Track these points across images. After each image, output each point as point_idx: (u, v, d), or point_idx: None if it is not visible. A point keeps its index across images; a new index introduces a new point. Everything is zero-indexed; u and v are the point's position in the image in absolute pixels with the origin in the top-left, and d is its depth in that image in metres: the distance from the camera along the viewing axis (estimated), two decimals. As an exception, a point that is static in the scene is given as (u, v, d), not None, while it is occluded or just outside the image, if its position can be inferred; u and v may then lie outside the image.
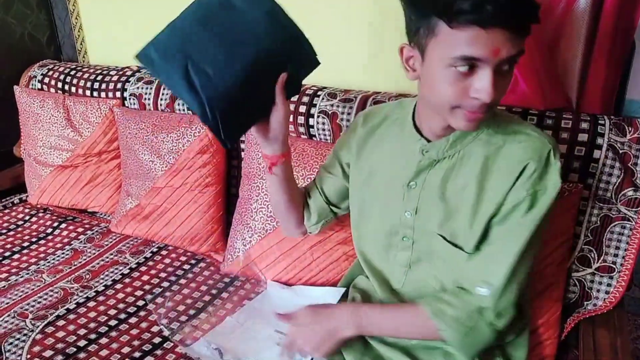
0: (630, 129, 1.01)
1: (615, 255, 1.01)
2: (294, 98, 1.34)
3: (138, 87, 1.60)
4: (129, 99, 1.62)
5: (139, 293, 1.29)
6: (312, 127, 1.31)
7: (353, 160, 1.00)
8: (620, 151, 1.00)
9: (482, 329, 0.82)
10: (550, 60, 1.10)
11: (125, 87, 1.63)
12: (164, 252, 1.46)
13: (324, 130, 1.30)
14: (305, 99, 1.32)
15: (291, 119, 1.33)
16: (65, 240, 1.55)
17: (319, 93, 1.32)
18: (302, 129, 1.33)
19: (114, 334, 1.15)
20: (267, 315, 1.20)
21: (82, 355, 1.09)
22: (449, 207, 0.86)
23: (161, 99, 1.55)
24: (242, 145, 1.44)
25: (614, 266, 1.01)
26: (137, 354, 1.09)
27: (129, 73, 1.66)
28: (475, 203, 0.83)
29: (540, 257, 0.97)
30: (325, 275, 1.25)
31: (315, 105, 1.30)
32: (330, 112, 1.28)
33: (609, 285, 1.01)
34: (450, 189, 0.86)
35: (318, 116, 1.29)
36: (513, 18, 0.67)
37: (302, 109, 1.31)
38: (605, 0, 1.02)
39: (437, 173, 0.87)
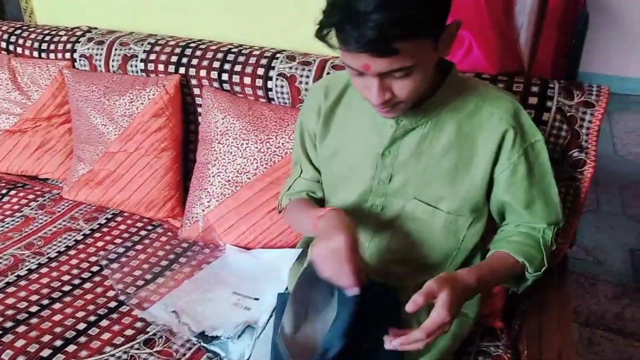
0: (578, 92, 1.05)
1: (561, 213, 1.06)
2: (252, 60, 1.32)
3: (89, 48, 1.53)
4: (79, 60, 1.55)
5: (93, 259, 1.27)
6: (271, 90, 1.29)
7: (319, 136, 0.99)
8: (568, 114, 1.04)
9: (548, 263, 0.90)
10: (504, 27, 1.12)
11: (75, 47, 1.56)
12: (119, 219, 1.43)
13: (282, 93, 1.28)
14: (264, 62, 1.30)
15: (249, 82, 1.31)
16: (16, 207, 1.49)
17: (278, 55, 1.30)
18: (260, 92, 1.31)
19: (67, 299, 1.13)
20: (226, 278, 1.21)
21: (34, 320, 1.07)
22: (426, 172, 0.89)
23: (113, 60, 1.49)
24: (199, 109, 1.41)
25: (558, 223, 1.06)
26: (92, 318, 1.08)
27: (79, 33, 1.59)
28: (455, 167, 0.87)
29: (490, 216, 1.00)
30: (284, 239, 1.26)
31: (273, 68, 1.28)
32: (289, 75, 1.27)
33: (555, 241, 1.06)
34: (425, 155, 0.88)
35: (277, 79, 1.28)
36: (370, 46, 0.68)
37: (260, 71, 1.29)
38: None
39: (410, 141, 0.88)
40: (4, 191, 1.56)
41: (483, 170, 0.87)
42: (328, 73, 1.22)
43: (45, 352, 0.99)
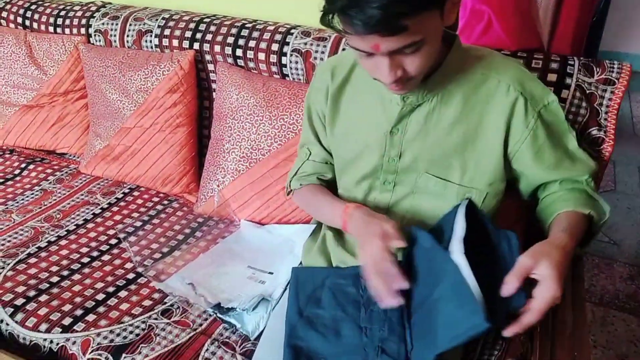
0: (598, 69, 1.03)
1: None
2: (267, 36, 1.31)
3: (103, 23, 1.53)
4: (95, 35, 1.55)
5: (111, 232, 1.29)
6: (285, 66, 1.29)
7: (329, 118, 0.99)
8: (587, 91, 1.02)
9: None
10: (524, 3, 1.10)
11: (90, 22, 1.56)
12: (135, 193, 1.45)
13: (297, 69, 1.28)
14: (278, 37, 1.29)
15: (263, 58, 1.31)
16: (34, 181, 1.52)
17: (292, 31, 1.29)
18: (274, 68, 1.31)
19: (86, 270, 1.16)
20: (241, 253, 1.23)
21: (55, 290, 1.10)
22: (436, 146, 0.89)
23: (127, 35, 1.49)
24: (214, 85, 1.42)
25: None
26: (110, 289, 1.11)
27: (93, 8, 1.59)
28: (464, 139, 0.87)
29: (506, 194, 1.00)
30: (298, 215, 1.27)
31: (288, 44, 1.27)
32: (303, 51, 1.26)
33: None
34: (434, 130, 0.88)
35: (291, 55, 1.27)
36: (379, 26, 0.67)
37: (275, 47, 1.29)
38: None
39: (418, 116, 0.88)
40: (22, 165, 1.59)
41: (494, 141, 0.87)
42: (344, 49, 1.21)
43: (67, 321, 1.02)
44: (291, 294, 0.98)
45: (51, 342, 0.99)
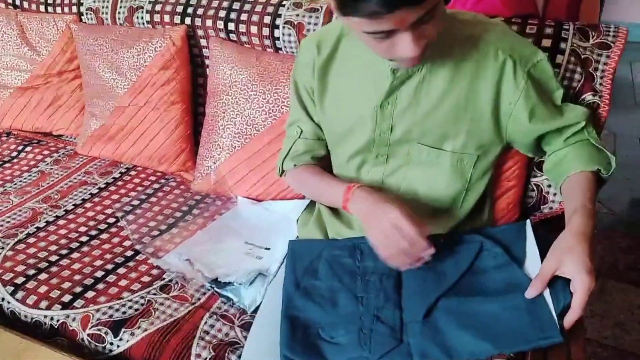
0: (594, 34, 1.01)
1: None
2: (258, 8, 1.29)
3: (95, 1, 1.51)
4: (86, 13, 1.53)
5: (109, 211, 1.30)
6: (278, 39, 1.27)
7: (317, 93, 0.97)
8: (582, 56, 1.00)
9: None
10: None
11: (81, 1, 1.54)
12: (132, 173, 1.45)
13: (290, 42, 1.26)
14: (270, 9, 1.27)
15: (255, 32, 1.29)
16: (32, 162, 1.52)
17: (284, 3, 1.27)
18: (267, 42, 1.29)
19: (85, 248, 1.17)
20: (238, 229, 1.23)
21: (54, 269, 1.11)
22: (427, 116, 0.88)
23: (119, 12, 1.47)
24: (207, 62, 1.40)
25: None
26: (109, 266, 1.12)
27: (84, -15, 1.57)
28: (455, 106, 0.87)
29: (500, 161, 0.99)
30: (293, 191, 1.26)
31: (280, 16, 1.26)
32: (296, 23, 1.24)
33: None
34: (424, 100, 0.87)
35: (284, 27, 1.25)
36: (404, 2, 0.65)
37: (267, 19, 1.27)
38: None
39: (408, 88, 0.87)
40: (19, 148, 1.59)
41: (486, 105, 0.87)
42: (336, 18, 1.19)
43: (66, 298, 1.03)
44: (288, 266, 0.99)
45: (52, 319, 1.00)
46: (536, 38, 1.02)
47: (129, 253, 1.16)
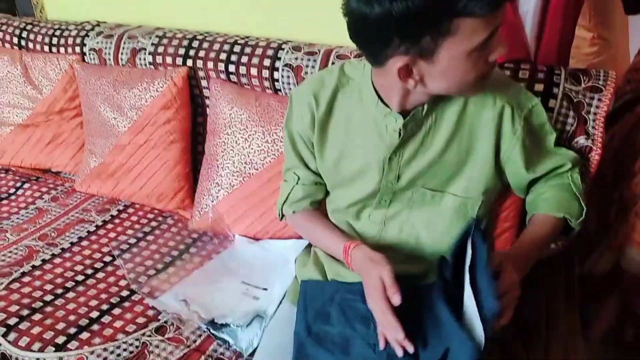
0: (585, 78, 1.04)
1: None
2: (258, 52, 1.33)
3: (98, 42, 1.55)
4: (89, 54, 1.57)
5: (105, 250, 1.29)
6: (277, 80, 1.30)
7: (317, 145, 0.97)
8: (575, 100, 1.03)
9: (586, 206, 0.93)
10: (510, 15, 1.11)
11: (85, 42, 1.58)
12: (130, 210, 1.45)
13: (288, 84, 1.29)
14: (270, 53, 1.30)
15: (255, 73, 1.32)
16: (29, 200, 1.52)
17: (283, 47, 1.30)
18: (267, 83, 1.32)
19: (81, 288, 1.16)
20: (235, 269, 1.23)
21: (48, 309, 1.10)
22: (432, 164, 0.90)
23: (122, 53, 1.50)
24: (207, 102, 1.43)
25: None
26: (104, 306, 1.11)
27: (88, 27, 1.61)
28: (459, 153, 0.89)
29: (498, 203, 1.00)
30: (291, 229, 1.26)
31: (279, 59, 1.29)
32: (295, 66, 1.27)
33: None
34: (430, 149, 0.89)
35: (283, 70, 1.28)
36: None
37: (267, 62, 1.30)
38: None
39: (415, 140, 0.89)
40: (17, 184, 1.59)
41: (487, 152, 0.89)
42: (333, 63, 1.22)
43: (60, 339, 1.02)
44: (299, 309, 0.96)
45: (44, 361, 0.98)
46: (529, 83, 1.05)
47: (125, 293, 1.15)
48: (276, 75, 1.29)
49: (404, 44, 0.72)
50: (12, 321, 1.06)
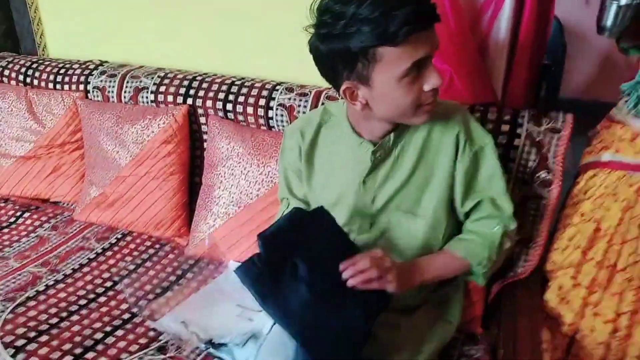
0: (546, 120, 1.18)
1: (532, 229, 1.18)
2: (254, 92, 1.44)
3: (102, 80, 1.65)
4: (93, 91, 1.67)
5: (106, 275, 1.36)
6: (272, 119, 1.42)
7: (305, 174, 1.11)
8: (537, 139, 1.17)
9: (503, 252, 1.04)
10: (479, 63, 1.26)
11: (89, 80, 1.68)
12: (128, 238, 1.53)
13: (282, 121, 1.41)
14: (265, 93, 1.42)
15: (251, 112, 1.44)
16: (30, 228, 1.59)
17: (278, 87, 1.43)
18: (262, 121, 1.44)
19: (84, 311, 1.22)
20: (230, 293, 1.30)
21: (54, 331, 1.16)
22: (403, 187, 1.02)
23: (125, 92, 1.61)
24: (205, 137, 1.53)
25: (531, 238, 1.18)
26: (107, 329, 1.17)
27: (91, 66, 1.71)
28: (425, 176, 1.02)
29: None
30: (284, 255, 1.36)
31: (274, 99, 1.41)
32: (288, 105, 1.39)
33: (526, 254, 1.18)
34: (399, 173, 1.02)
35: (277, 109, 1.40)
36: (433, 15, 0.85)
37: (262, 102, 1.42)
38: (524, 11, 1.18)
39: (386, 165, 1.02)
40: (18, 213, 1.66)
41: (447, 175, 1.01)
42: (322, 103, 1.35)
43: (68, 359, 1.08)
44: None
45: (52, 380, 1.04)
46: (496, 123, 1.19)
47: (126, 316, 1.22)
48: (270, 113, 1.41)
49: (346, 70, 0.89)
50: (20, 342, 1.12)
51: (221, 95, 1.47)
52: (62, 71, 1.74)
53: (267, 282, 0.91)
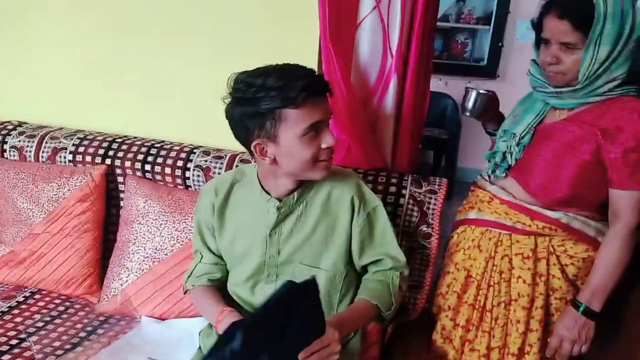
0: (425, 183, 1.40)
1: (419, 276, 1.36)
2: (173, 154, 1.55)
3: (20, 141, 1.67)
4: (10, 151, 1.68)
5: (11, 334, 1.34)
6: (188, 178, 1.53)
7: (217, 228, 1.23)
8: (418, 199, 1.38)
9: (401, 296, 1.20)
10: (372, 135, 1.48)
11: (6, 140, 1.68)
12: (37, 296, 1.51)
13: (198, 181, 1.52)
14: (183, 156, 1.54)
15: (169, 172, 1.54)
16: None
17: (195, 151, 1.55)
18: (179, 180, 1.54)
19: (-14, 370, 1.20)
20: (141, 346, 1.34)
21: (-49, 391, 1.12)
22: (305, 242, 1.16)
23: (43, 152, 1.64)
24: (122, 195, 1.60)
25: (418, 284, 1.36)
26: (11, 386, 1.16)
27: (9, 127, 1.73)
28: (325, 234, 1.17)
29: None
30: (196, 309, 1.42)
31: (191, 161, 1.53)
32: (204, 167, 1.52)
33: (415, 299, 1.36)
34: (302, 229, 1.17)
35: (194, 170, 1.52)
36: (325, 86, 1.06)
37: (180, 163, 1.53)
38: (405, 93, 1.43)
39: (290, 221, 1.17)
40: None
41: (345, 232, 1.17)
42: (237, 165, 1.49)
43: (-35, 418, 1.05)
44: None
45: None
46: (385, 186, 1.39)
47: (32, 373, 1.21)
48: (187, 174, 1.53)
49: (256, 129, 1.04)
50: None
51: (140, 157, 1.56)
52: (-24, 131, 1.73)
53: None
